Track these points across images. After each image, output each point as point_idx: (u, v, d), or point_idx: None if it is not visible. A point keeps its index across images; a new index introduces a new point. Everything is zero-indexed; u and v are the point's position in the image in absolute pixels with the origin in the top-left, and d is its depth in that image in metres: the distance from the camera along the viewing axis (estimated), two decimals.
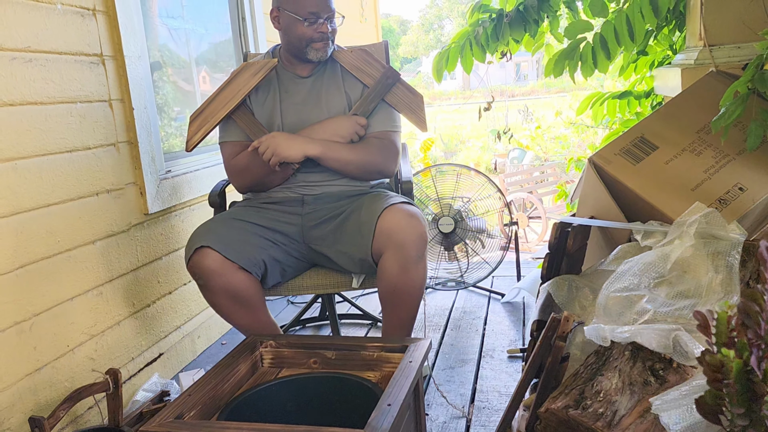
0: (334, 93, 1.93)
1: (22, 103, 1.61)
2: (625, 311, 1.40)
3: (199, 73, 2.66)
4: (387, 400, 1.30)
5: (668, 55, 2.50)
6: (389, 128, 1.90)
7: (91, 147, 1.85)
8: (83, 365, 1.77)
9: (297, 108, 1.91)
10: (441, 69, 2.54)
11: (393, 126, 1.90)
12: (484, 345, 2.26)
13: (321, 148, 1.80)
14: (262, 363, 1.72)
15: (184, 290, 2.31)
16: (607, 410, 1.23)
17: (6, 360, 1.52)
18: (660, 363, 1.29)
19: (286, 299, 2.97)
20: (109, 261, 1.90)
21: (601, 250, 1.89)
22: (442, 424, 1.74)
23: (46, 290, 1.66)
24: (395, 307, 1.75)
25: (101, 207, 1.88)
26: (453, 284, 2.98)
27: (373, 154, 1.87)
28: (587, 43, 2.08)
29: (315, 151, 1.80)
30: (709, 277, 1.38)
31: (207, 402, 1.44)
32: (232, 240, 1.71)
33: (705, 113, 1.79)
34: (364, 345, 1.65)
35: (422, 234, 1.69)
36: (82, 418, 1.75)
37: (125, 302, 1.98)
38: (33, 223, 1.63)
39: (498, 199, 2.99)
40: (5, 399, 1.51)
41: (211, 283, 1.67)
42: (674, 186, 1.68)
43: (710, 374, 0.62)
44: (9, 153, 1.56)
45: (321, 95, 1.92)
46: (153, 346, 2.11)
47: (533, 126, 9.21)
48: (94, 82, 1.87)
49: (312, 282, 1.87)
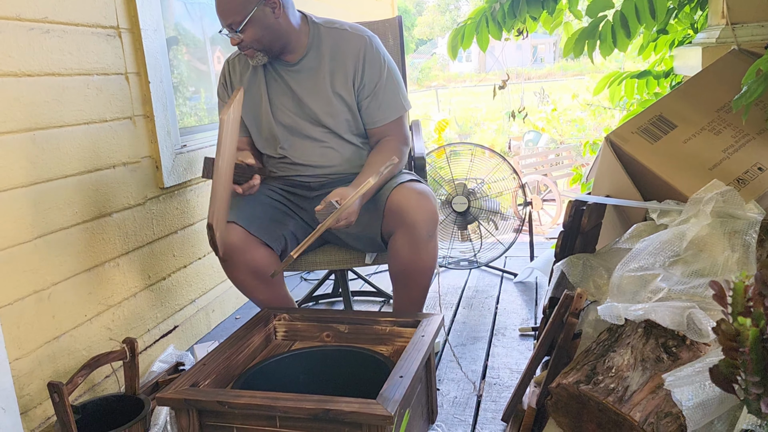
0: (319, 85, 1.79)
1: (39, 74, 1.62)
2: (639, 290, 1.40)
3: (213, 53, 2.66)
4: (399, 372, 1.32)
5: (689, 34, 2.46)
6: (399, 113, 1.82)
7: (108, 120, 1.86)
8: (100, 335, 1.80)
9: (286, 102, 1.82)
10: (456, 46, 2.52)
11: (401, 108, 1.83)
12: (496, 323, 2.27)
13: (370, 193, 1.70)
14: (276, 335, 1.74)
15: (199, 264, 2.33)
16: (618, 386, 1.23)
17: (25, 328, 1.55)
18: (673, 340, 1.28)
19: (299, 276, 2.99)
20: (125, 233, 1.92)
21: (616, 230, 1.87)
22: (453, 398, 1.75)
23: (64, 260, 1.68)
24: (406, 286, 1.75)
25: (118, 180, 1.89)
26: (466, 263, 2.98)
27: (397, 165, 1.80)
28: (607, 21, 2.05)
29: (365, 199, 1.69)
30: (725, 256, 1.37)
31: (221, 371, 1.46)
32: (255, 215, 1.72)
33: (725, 92, 1.77)
34: (377, 319, 1.66)
35: (433, 213, 1.68)
36: (99, 386, 1.79)
37: (141, 274, 2.00)
38: (51, 193, 1.65)
39: (513, 179, 2.98)
40: (25, 365, 1.55)
41: (234, 259, 1.68)
42: (692, 165, 1.66)
43: (725, 343, 0.61)
44: (27, 123, 1.58)
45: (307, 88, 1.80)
46: (168, 319, 2.14)
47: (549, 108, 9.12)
48: (111, 55, 1.88)
49: (326, 258, 1.88)
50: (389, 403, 1.19)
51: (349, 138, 1.82)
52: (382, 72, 1.79)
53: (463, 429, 1.60)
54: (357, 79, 1.77)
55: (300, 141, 1.81)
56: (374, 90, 1.78)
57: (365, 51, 1.77)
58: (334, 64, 1.78)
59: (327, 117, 1.78)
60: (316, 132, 1.80)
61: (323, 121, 1.79)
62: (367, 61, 1.77)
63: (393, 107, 1.82)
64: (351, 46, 1.78)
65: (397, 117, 1.82)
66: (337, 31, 1.81)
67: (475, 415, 1.66)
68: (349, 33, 1.80)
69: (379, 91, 1.79)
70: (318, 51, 1.79)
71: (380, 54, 1.81)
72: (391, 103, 1.81)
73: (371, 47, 1.79)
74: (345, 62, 1.77)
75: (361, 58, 1.77)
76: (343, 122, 1.80)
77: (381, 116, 1.81)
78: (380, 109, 1.80)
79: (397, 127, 1.83)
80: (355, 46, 1.78)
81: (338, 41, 1.79)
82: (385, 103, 1.80)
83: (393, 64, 1.85)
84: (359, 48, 1.77)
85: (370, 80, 1.78)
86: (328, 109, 1.77)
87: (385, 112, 1.81)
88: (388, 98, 1.81)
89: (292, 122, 1.81)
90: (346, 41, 1.79)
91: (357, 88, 1.78)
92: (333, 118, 1.79)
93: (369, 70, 1.77)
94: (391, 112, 1.81)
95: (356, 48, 1.77)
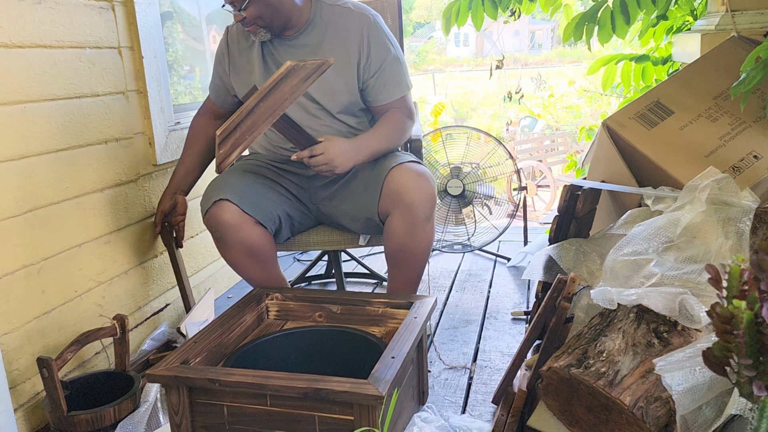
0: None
1: (31, 46, 1.59)
2: (632, 275, 1.40)
3: (209, 32, 2.62)
4: (391, 353, 1.32)
5: (688, 20, 2.45)
6: (404, 92, 1.83)
7: (100, 94, 1.84)
8: (91, 311, 1.79)
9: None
10: (450, 21, 2.47)
11: (406, 87, 1.83)
12: (488, 307, 2.27)
13: (368, 153, 1.72)
14: (268, 315, 1.73)
15: (191, 243, 2.32)
16: (609, 370, 1.23)
17: (15, 302, 1.54)
18: (665, 325, 1.29)
19: (292, 257, 2.99)
20: (116, 210, 1.91)
21: (610, 216, 1.88)
22: (444, 381, 1.76)
23: (54, 235, 1.67)
24: (401, 267, 1.75)
25: (110, 155, 1.87)
26: (459, 247, 2.98)
27: (399, 132, 1.81)
28: (607, 6, 2.03)
29: (362, 159, 1.71)
30: (718, 243, 1.37)
31: (212, 350, 1.46)
32: (250, 193, 1.71)
33: (724, 79, 1.76)
34: (370, 300, 1.66)
35: (431, 194, 1.68)
36: (89, 362, 1.78)
37: (133, 252, 1.99)
38: (41, 167, 1.63)
39: (508, 164, 2.97)
40: (14, 340, 1.54)
41: (228, 237, 1.67)
42: (688, 152, 1.66)
43: (720, 326, 0.61)
44: (18, 96, 1.55)
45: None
46: (160, 297, 2.13)
47: (546, 94, 9.09)
48: (104, 28, 1.85)
49: (319, 238, 1.88)
50: (380, 383, 1.19)
51: (342, 118, 1.80)
52: (388, 50, 1.78)
53: (454, 410, 1.61)
54: (363, 58, 1.76)
55: (291, 115, 1.79)
56: (380, 68, 1.77)
57: (369, 30, 1.76)
58: (335, 42, 1.76)
59: (320, 94, 1.77)
60: (309, 107, 1.79)
61: (315, 98, 1.77)
62: (372, 40, 1.76)
63: (398, 85, 1.81)
64: (354, 24, 1.76)
65: (402, 95, 1.82)
66: (340, 8, 1.79)
67: (465, 397, 1.67)
68: (353, 11, 1.78)
69: (384, 70, 1.78)
70: (318, 27, 1.78)
71: (384, 32, 1.80)
72: (397, 80, 1.81)
73: (376, 26, 1.78)
74: (348, 40, 1.76)
75: (366, 37, 1.75)
76: (338, 101, 1.78)
77: (387, 94, 1.80)
78: (386, 87, 1.79)
79: (402, 103, 1.83)
80: (359, 25, 1.76)
81: (341, 19, 1.78)
82: (391, 80, 1.80)
83: (397, 44, 1.85)
84: (363, 26, 1.76)
85: (376, 59, 1.77)
86: (321, 86, 1.75)
87: (391, 90, 1.80)
88: (394, 76, 1.80)
89: None
90: (349, 19, 1.77)
91: (362, 67, 1.77)
92: (327, 96, 1.77)
93: (374, 49, 1.76)
94: (396, 90, 1.81)
95: (360, 26, 1.76)
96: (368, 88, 1.79)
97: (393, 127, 1.79)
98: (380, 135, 1.77)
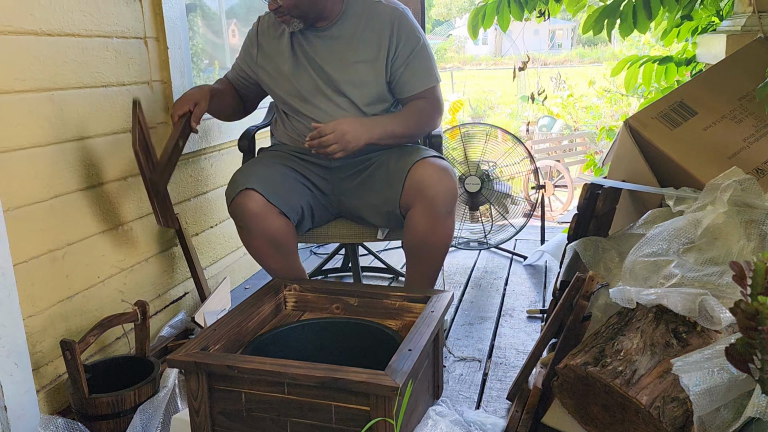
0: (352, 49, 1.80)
1: (60, 34, 1.62)
2: (651, 275, 1.40)
3: (228, 26, 2.64)
4: (408, 345, 1.33)
5: (713, 21, 2.42)
6: (432, 83, 1.84)
7: (126, 84, 1.86)
8: (112, 297, 1.82)
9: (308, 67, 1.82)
10: (477, 26, 2.49)
11: (434, 79, 1.84)
12: (504, 304, 2.27)
13: (380, 131, 1.74)
14: (286, 305, 1.75)
15: (210, 233, 2.34)
16: (626, 369, 1.23)
17: (40, 286, 1.57)
18: (684, 326, 1.28)
19: (309, 249, 3.00)
20: (139, 198, 1.93)
21: (630, 215, 1.87)
22: (459, 376, 1.76)
23: (79, 221, 1.70)
24: (420, 260, 1.76)
25: None
26: (476, 244, 2.98)
27: (423, 121, 1.83)
28: (629, 1, 2.02)
29: (375, 138, 1.73)
30: (740, 245, 1.36)
31: (231, 337, 1.48)
32: (275, 183, 1.72)
33: (749, 80, 1.74)
34: (387, 294, 1.67)
35: (453, 189, 1.69)
36: (110, 347, 1.81)
37: (154, 240, 2.01)
38: (68, 154, 1.66)
39: (526, 163, 2.96)
40: (38, 323, 1.57)
41: (252, 226, 1.69)
42: (711, 153, 1.65)
43: (744, 322, 0.61)
44: (47, 83, 1.58)
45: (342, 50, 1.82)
46: (179, 285, 2.15)
47: (565, 94, 9.02)
48: (130, 18, 1.87)
49: (338, 231, 1.89)
50: (397, 374, 1.20)
51: (369, 110, 1.81)
52: (417, 42, 1.81)
53: (468, 405, 1.62)
54: (392, 49, 1.78)
55: (319, 106, 1.81)
56: (408, 59, 1.79)
57: (399, 22, 1.79)
58: (366, 34, 1.79)
59: (348, 86, 1.78)
60: (336, 99, 1.81)
61: (343, 90, 1.79)
62: (402, 31, 1.79)
63: (427, 76, 1.83)
64: (385, 16, 1.80)
65: (431, 86, 1.84)
66: (372, 2, 1.83)
67: (480, 393, 1.68)
68: (384, 5, 1.82)
69: (412, 60, 1.80)
70: (351, 19, 1.81)
71: (414, 25, 1.83)
72: (426, 71, 1.83)
73: (405, 18, 1.81)
74: (378, 32, 1.79)
75: (396, 28, 1.78)
76: (365, 93, 1.80)
77: (415, 84, 1.81)
78: (414, 77, 1.81)
79: (431, 93, 1.84)
80: (389, 17, 1.80)
81: (373, 12, 1.81)
82: (419, 71, 1.81)
83: (425, 37, 1.87)
84: (393, 19, 1.79)
85: (404, 50, 1.79)
86: (350, 78, 1.77)
87: (420, 79, 1.81)
88: (423, 67, 1.82)
89: (313, 87, 1.81)
90: (380, 12, 1.81)
91: (391, 58, 1.79)
92: (355, 88, 1.79)
93: (404, 40, 1.79)
94: (426, 80, 1.82)
95: (390, 19, 1.79)
96: (397, 78, 1.81)
97: (412, 114, 1.81)
98: (397, 118, 1.80)
